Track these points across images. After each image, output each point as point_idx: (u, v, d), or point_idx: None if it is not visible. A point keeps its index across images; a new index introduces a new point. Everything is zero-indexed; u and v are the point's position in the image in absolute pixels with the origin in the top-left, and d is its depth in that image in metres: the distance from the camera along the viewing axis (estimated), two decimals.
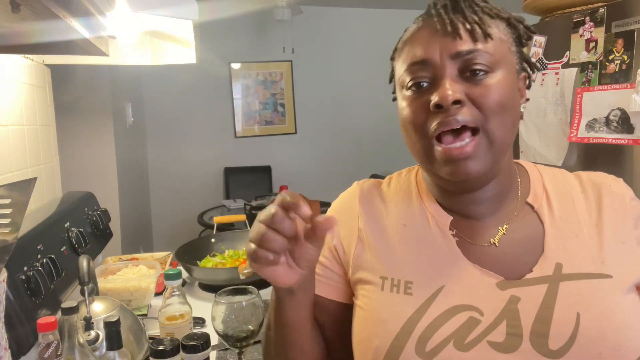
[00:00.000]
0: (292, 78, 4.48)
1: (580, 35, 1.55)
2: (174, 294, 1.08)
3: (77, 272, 1.00)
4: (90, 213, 1.49)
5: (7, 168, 1.25)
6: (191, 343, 0.88)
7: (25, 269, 0.98)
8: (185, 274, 1.57)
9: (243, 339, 0.97)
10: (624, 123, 1.42)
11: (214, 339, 0.97)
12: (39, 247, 1.07)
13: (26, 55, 1.40)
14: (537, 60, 1.73)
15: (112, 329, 0.84)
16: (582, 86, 1.55)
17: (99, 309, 0.99)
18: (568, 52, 1.60)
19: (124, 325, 0.90)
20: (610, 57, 1.45)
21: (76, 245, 1.26)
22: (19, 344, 0.88)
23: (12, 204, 0.75)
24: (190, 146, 4.22)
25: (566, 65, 1.62)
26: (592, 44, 1.51)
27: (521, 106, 0.70)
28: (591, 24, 1.51)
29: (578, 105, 1.57)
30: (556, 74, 1.65)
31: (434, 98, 0.63)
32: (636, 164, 1.40)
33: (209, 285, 1.57)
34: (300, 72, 4.48)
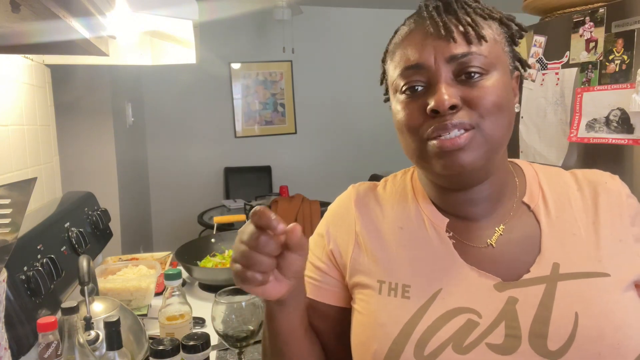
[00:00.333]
0: (292, 78, 4.48)
1: (580, 35, 1.55)
2: (174, 294, 1.09)
3: (77, 272, 1.00)
4: (90, 213, 1.49)
5: (7, 168, 1.25)
6: (191, 343, 0.88)
7: (25, 269, 0.98)
8: (185, 274, 1.57)
9: (243, 339, 0.98)
10: (624, 123, 1.42)
11: (214, 339, 0.97)
12: (39, 247, 1.07)
13: (26, 55, 1.40)
14: (537, 60, 1.73)
15: (112, 329, 0.84)
16: (582, 86, 1.55)
17: (99, 309, 0.99)
18: (568, 52, 1.60)
19: (124, 325, 0.90)
20: (610, 57, 1.45)
21: (76, 245, 1.26)
22: (19, 344, 0.88)
23: (12, 204, 0.75)
24: (190, 146, 4.22)
25: (566, 65, 1.62)
26: (592, 44, 1.51)
27: (514, 106, 0.69)
28: (591, 24, 1.51)
29: (578, 105, 1.57)
30: (556, 74, 1.65)
31: (431, 103, 0.62)
32: (636, 164, 1.40)
33: (209, 285, 1.57)
34: (300, 72, 4.48)
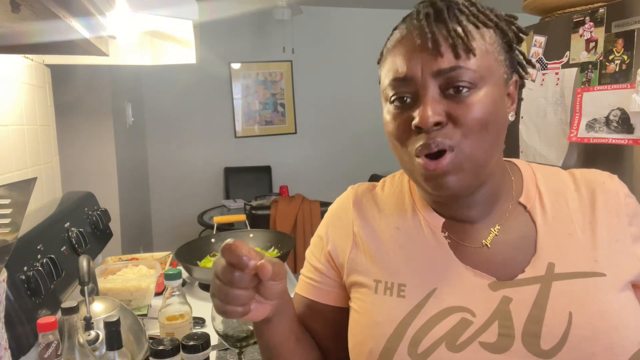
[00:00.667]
0: (292, 78, 4.48)
1: (580, 35, 1.55)
2: (174, 294, 1.09)
3: (77, 272, 1.00)
4: (90, 213, 1.49)
5: (7, 168, 1.25)
6: (191, 343, 0.88)
7: (25, 269, 0.98)
8: (185, 274, 1.57)
9: (243, 339, 0.97)
10: (624, 123, 1.42)
11: (214, 339, 0.97)
12: (39, 247, 1.07)
13: (26, 55, 1.40)
14: (537, 60, 1.73)
15: (112, 329, 0.84)
16: (582, 86, 1.55)
17: (99, 309, 0.99)
18: (568, 52, 1.60)
19: (124, 325, 0.90)
20: (610, 57, 1.45)
21: (76, 245, 1.26)
22: (19, 344, 0.88)
23: (12, 204, 0.75)
24: (190, 146, 4.23)
25: (566, 65, 1.62)
26: (592, 44, 1.51)
27: (507, 116, 0.68)
28: (591, 24, 1.51)
29: (578, 105, 1.57)
30: (556, 74, 1.65)
31: (415, 119, 0.62)
32: (636, 164, 1.40)
33: (209, 285, 1.57)
34: (300, 72, 4.48)
